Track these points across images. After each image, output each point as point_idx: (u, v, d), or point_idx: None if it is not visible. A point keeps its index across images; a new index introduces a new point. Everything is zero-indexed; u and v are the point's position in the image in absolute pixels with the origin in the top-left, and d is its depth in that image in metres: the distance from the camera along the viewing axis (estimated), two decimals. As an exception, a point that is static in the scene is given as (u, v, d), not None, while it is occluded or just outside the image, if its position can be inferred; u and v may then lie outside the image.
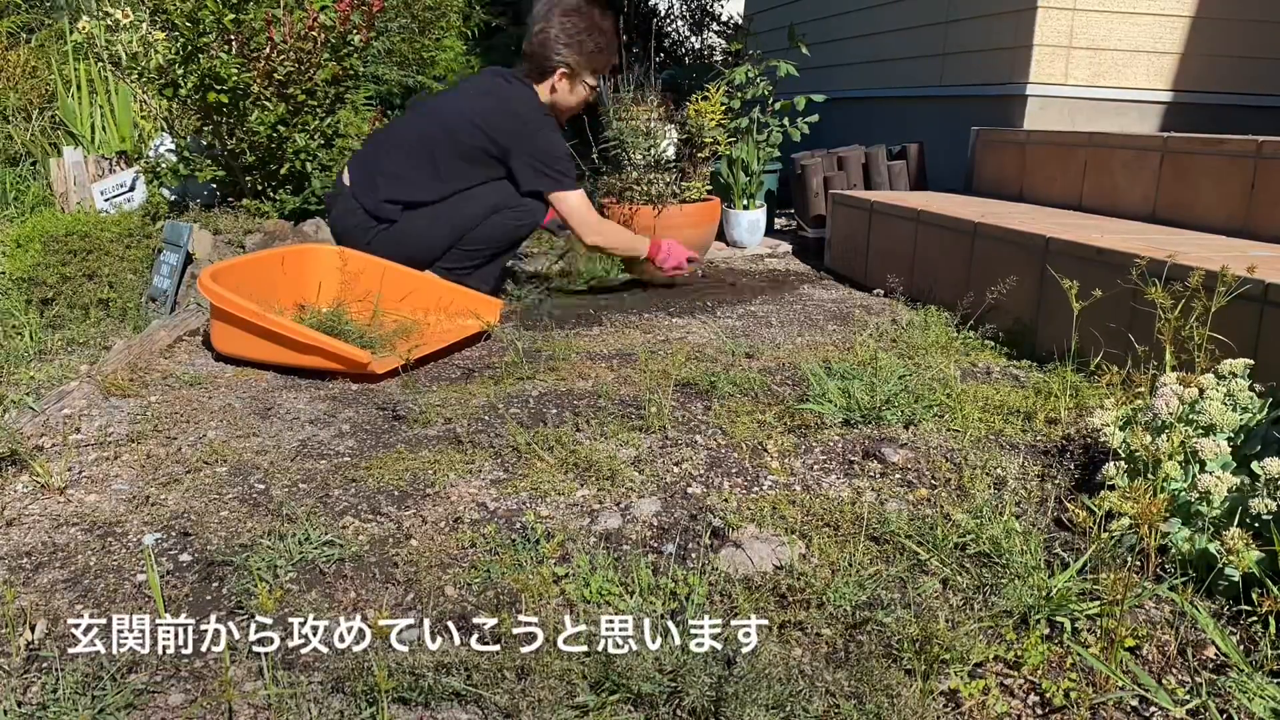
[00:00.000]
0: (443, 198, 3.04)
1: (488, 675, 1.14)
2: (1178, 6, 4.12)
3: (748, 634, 1.22)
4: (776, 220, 4.93)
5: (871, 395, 2.05)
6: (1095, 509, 1.33)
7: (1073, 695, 1.14)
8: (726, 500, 1.67)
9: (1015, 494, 1.69)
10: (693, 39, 9.46)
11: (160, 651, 1.23)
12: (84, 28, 4.28)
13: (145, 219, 3.68)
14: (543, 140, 3.06)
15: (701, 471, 1.80)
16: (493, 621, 1.22)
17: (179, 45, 3.60)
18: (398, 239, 3.00)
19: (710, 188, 3.99)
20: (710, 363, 2.49)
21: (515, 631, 1.21)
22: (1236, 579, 1.33)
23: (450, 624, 1.29)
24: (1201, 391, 1.61)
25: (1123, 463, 1.55)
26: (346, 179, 3.10)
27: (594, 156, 3.87)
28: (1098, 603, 1.29)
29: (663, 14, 9.41)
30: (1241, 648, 1.23)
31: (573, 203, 3.12)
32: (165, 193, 4.07)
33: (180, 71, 3.61)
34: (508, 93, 3.10)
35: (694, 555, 1.47)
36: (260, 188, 3.82)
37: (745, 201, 4.31)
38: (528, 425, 2.03)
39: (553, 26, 3.06)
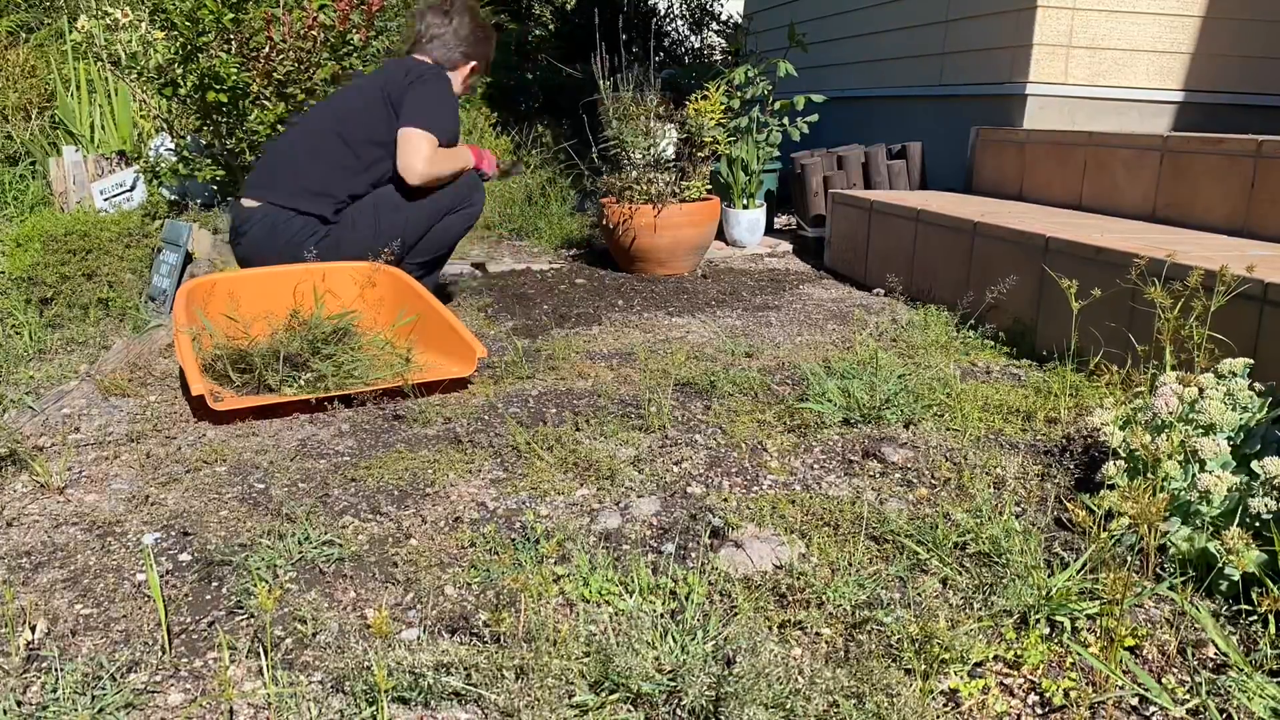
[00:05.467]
0: (366, 189, 2.89)
1: (487, 675, 1.14)
2: (1178, 6, 4.12)
3: (747, 633, 1.22)
4: (776, 219, 4.93)
5: (871, 395, 2.05)
6: (1095, 508, 1.33)
7: (1072, 695, 1.14)
8: (726, 500, 1.67)
9: (1015, 493, 1.69)
10: (692, 38, 9.47)
11: (160, 651, 1.23)
12: (83, 27, 4.28)
13: (145, 218, 3.68)
14: (442, 89, 2.94)
15: (701, 471, 1.80)
16: (493, 621, 1.22)
17: (178, 45, 3.60)
18: (337, 245, 2.83)
19: (710, 187, 3.99)
20: (710, 362, 2.49)
21: (515, 631, 1.21)
22: (1236, 578, 1.33)
23: (450, 624, 1.29)
24: (1201, 391, 1.61)
25: (1123, 462, 1.55)
26: (251, 202, 2.84)
27: (594, 156, 3.87)
28: (1097, 602, 1.29)
29: (662, 13, 9.41)
30: (1241, 647, 1.23)
31: (424, 143, 2.85)
32: (165, 192, 4.08)
33: (180, 71, 3.61)
34: (413, 63, 3.01)
35: (694, 555, 1.47)
36: (260, 187, 3.81)
37: (745, 201, 4.31)
38: (527, 425, 2.02)
39: (462, 21, 3.05)
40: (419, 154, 2.84)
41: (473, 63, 3.10)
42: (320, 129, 2.91)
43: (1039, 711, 1.14)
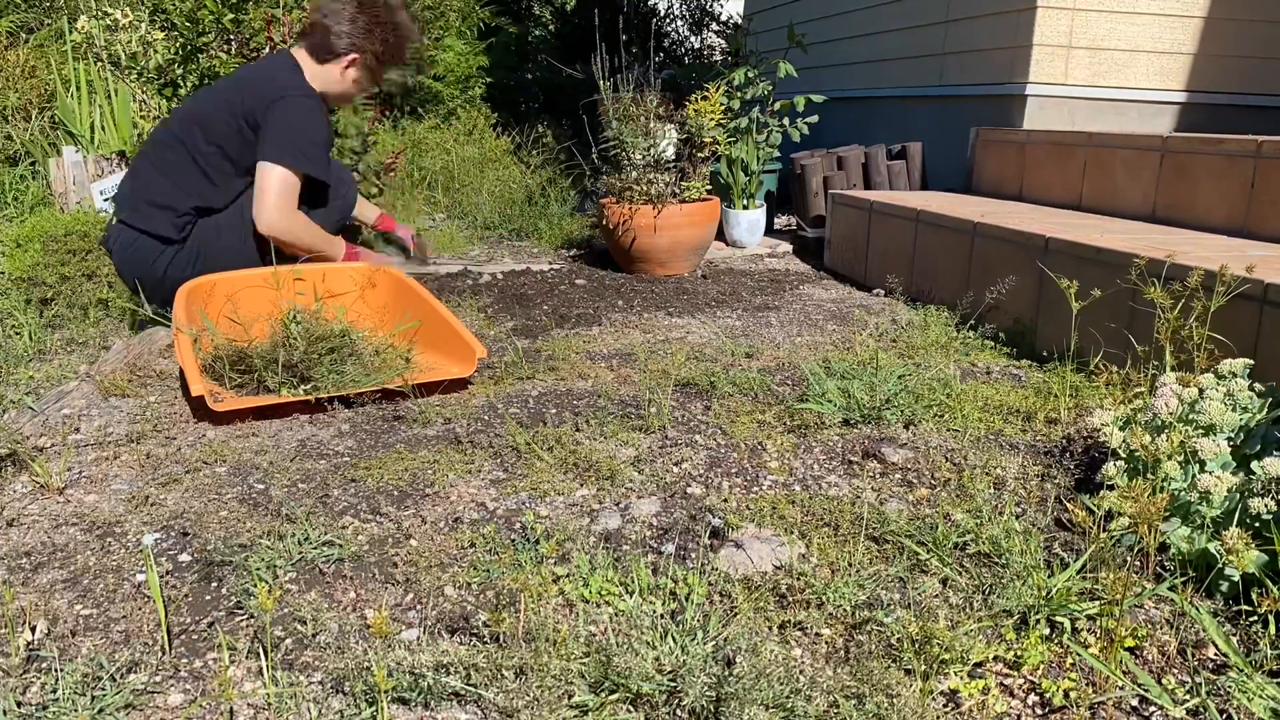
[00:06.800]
0: (225, 204, 2.71)
1: (487, 675, 1.14)
2: (1178, 6, 4.12)
3: (747, 634, 1.22)
4: (776, 220, 4.93)
5: (871, 395, 2.05)
6: (1095, 509, 1.33)
7: (1072, 695, 1.14)
8: (726, 500, 1.67)
9: (1015, 494, 1.69)
10: (692, 39, 9.48)
11: (160, 652, 1.23)
12: (83, 27, 4.28)
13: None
14: (297, 115, 2.65)
15: (701, 471, 1.80)
16: (493, 621, 1.22)
17: (179, 45, 3.60)
18: (197, 258, 2.68)
19: (710, 187, 3.99)
20: (710, 362, 2.49)
21: (514, 631, 1.21)
22: (1236, 579, 1.33)
23: (450, 624, 1.29)
24: (1201, 391, 1.61)
25: (1123, 462, 1.55)
26: (113, 218, 2.77)
27: (594, 156, 3.87)
28: (1097, 602, 1.29)
29: (662, 14, 9.42)
30: (1241, 648, 1.23)
31: (277, 179, 2.61)
32: (165, 192, 4.07)
33: (180, 71, 3.62)
34: (269, 65, 2.78)
35: (693, 555, 1.47)
36: (260, 187, 3.81)
37: (745, 201, 4.31)
38: (527, 425, 2.02)
39: (351, 7, 2.73)
40: (268, 194, 2.61)
41: (353, 55, 2.74)
42: (169, 135, 2.72)
43: (1039, 712, 1.14)
